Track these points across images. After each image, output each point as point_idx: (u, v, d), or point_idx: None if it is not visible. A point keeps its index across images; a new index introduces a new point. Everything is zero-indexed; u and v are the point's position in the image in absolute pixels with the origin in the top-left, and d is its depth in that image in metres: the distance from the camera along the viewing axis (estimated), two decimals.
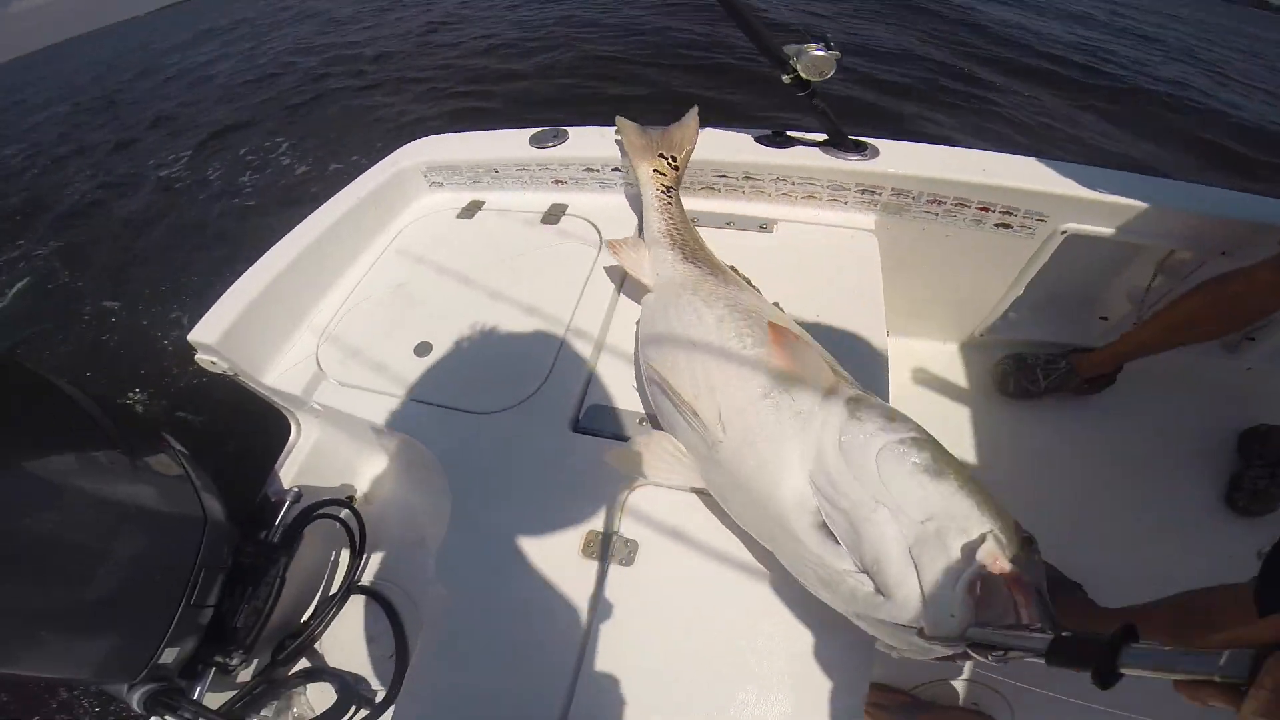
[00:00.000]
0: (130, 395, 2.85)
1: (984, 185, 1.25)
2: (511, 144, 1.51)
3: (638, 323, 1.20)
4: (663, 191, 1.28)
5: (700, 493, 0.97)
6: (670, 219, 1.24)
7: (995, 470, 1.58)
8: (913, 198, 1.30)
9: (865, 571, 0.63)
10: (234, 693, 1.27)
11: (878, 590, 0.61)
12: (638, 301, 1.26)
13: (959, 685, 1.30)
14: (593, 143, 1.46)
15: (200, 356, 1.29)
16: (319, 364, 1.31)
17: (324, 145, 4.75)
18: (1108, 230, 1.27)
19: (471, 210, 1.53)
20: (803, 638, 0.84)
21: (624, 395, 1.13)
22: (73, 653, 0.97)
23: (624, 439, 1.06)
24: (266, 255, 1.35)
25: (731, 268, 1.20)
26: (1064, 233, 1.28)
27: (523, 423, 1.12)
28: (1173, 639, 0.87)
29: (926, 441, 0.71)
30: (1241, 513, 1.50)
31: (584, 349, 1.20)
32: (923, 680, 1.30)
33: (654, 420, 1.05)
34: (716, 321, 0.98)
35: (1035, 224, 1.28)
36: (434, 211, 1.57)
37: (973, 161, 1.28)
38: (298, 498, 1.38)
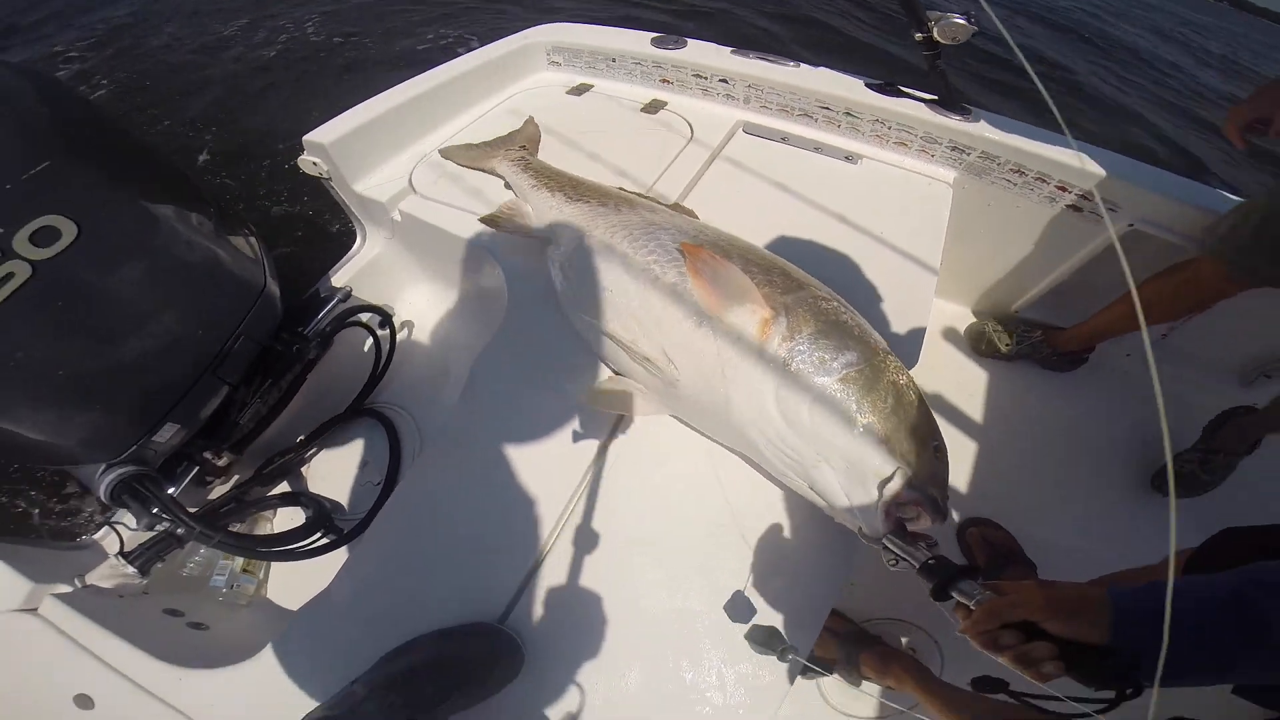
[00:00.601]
0: (225, 182, 3.08)
1: (1069, 166, 1.31)
2: (633, 40, 1.62)
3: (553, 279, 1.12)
4: (518, 161, 1.30)
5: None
6: (536, 173, 1.24)
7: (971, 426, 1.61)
8: (998, 163, 1.37)
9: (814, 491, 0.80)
10: (197, 509, 1.24)
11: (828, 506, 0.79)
12: (717, 188, 1.33)
13: (902, 628, 1.31)
14: (706, 53, 1.56)
15: (304, 157, 1.38)
16: (411, 183, 1.38)
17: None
18: (1170, 236, 1.32)
19: (581, 90, 1.63)
20: (783, 547, 0.87)
21: None
22: (71, 413, 0.96)
23: None
24: (393, 89, 1.45)
25: (620, 189, 1.20)
26: (1130, 226, 1.33)
27: None
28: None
29: (854, 379, 0.77)
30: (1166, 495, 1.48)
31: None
32: (875, 616, 1.30)
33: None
34: (624, 259, 0.95)
35: (1106, 211, 1.33)
36: (547, 85, 1.68)
37: (1062, 144, 1.34)
38: (346, 295, 1.42)
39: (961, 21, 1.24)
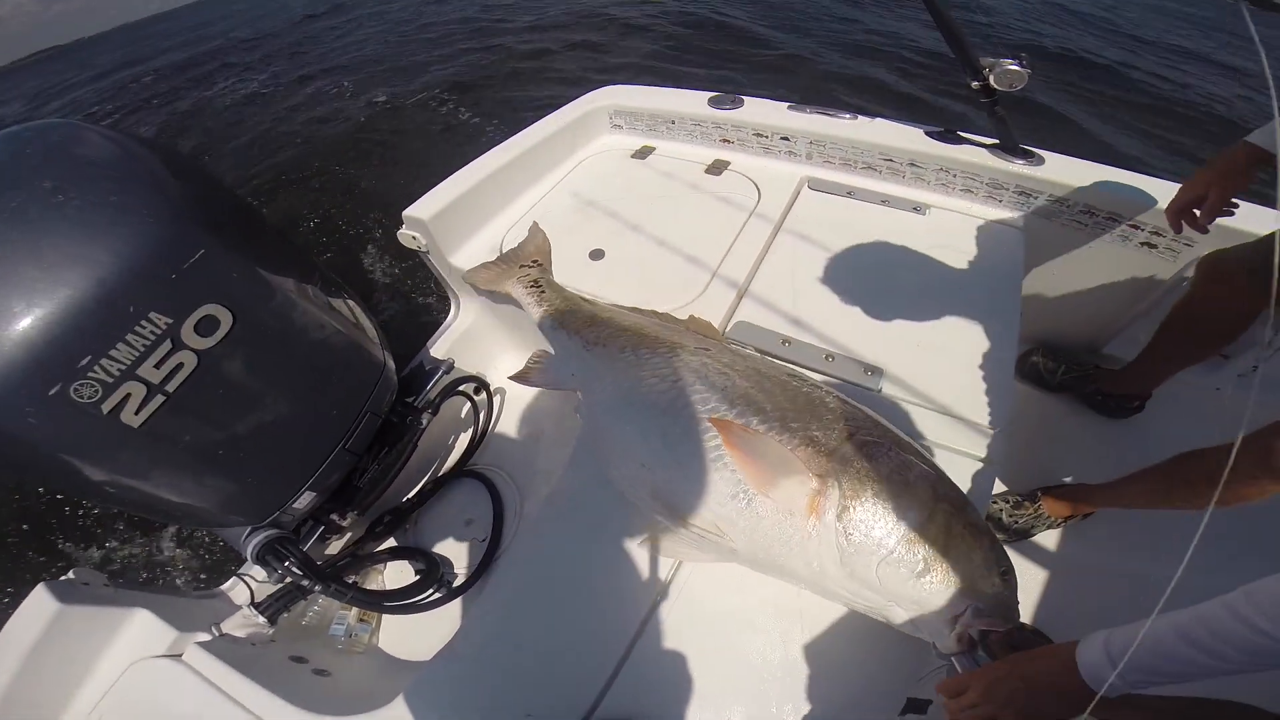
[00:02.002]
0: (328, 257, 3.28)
1: (1138, 205, 1.33)
2: (691, 101, 1.69)
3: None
4: (531, 287, 1.28)
5: None
6: (550, 306, 1.22)
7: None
8: (1067, 205, 1.39)
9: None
10: (317, 565, 1.30)
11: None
12: (790, 247, 1.38)
13: None
14: (765, 112, 1.62)
15: (404, 231, 1.49)
16: (501, 251, 1.47)
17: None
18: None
19: (644, 153, 1.71)
20: (840, 659, 0.88)
21: (768, 317, 1.25)
22: (227, 486, 1.06)
23: (767, 353, 1.17)
24: (476, 161, 1.55)
25: (640, 316, 1.17)
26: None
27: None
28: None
29: (918, 539, 0.77)
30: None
31: (736, 274, 1.33)
32: None
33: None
34: (658, 430, 0.90)
35: (1181, 248, 1.34)
36: (612, 149, 1.76)
37: (1132, 181, 1.36)
38: (450, 367, 1.55)
39: (1017, 68, 1.26)
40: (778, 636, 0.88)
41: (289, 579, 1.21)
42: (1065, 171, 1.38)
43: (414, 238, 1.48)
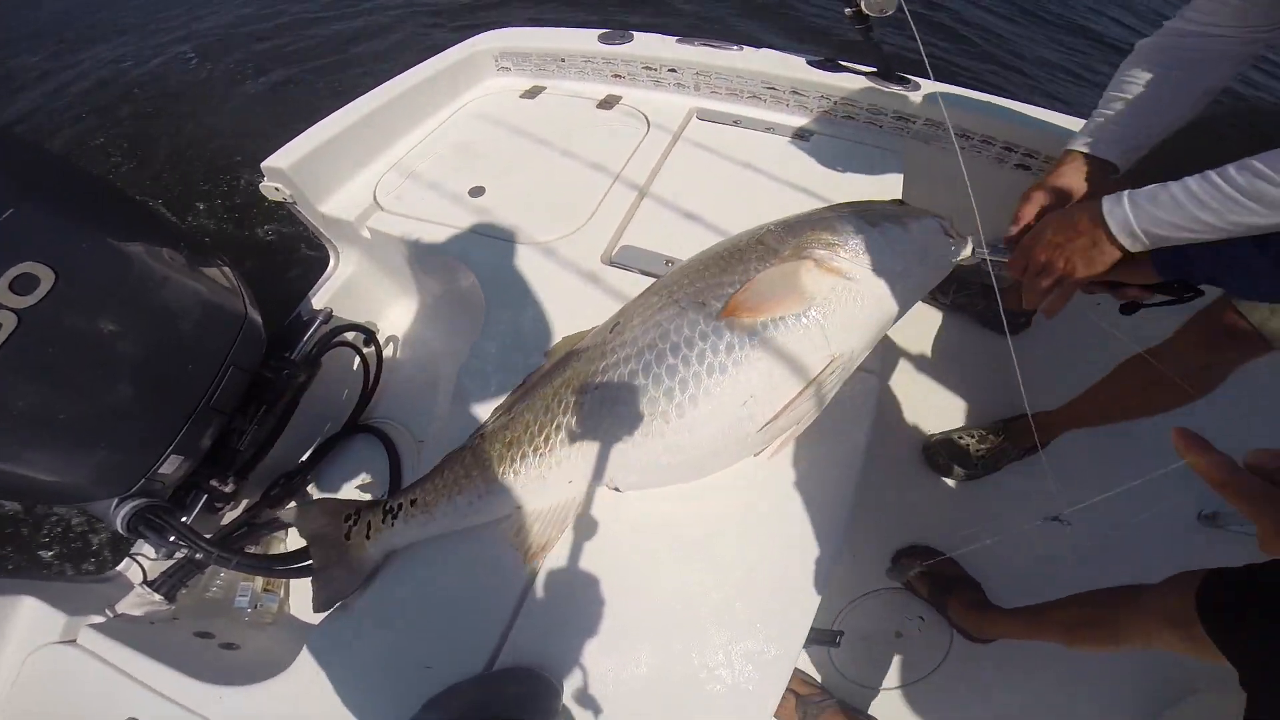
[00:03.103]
0: (195, 214, 3.08)
1: (1010, 126, 1.37)
2: (580, 38, 1.64)
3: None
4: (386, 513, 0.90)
5: None
6: (422, 505, 0.88)
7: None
8: (942, 129, 1.42)
9: None
10: (211, 535, 1.28)
11: None
12: (673, 184, 1.37)
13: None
14: (653, 46, 1.59)
15: (265, 183, 1.39)
16: (375, 198, 1.41)
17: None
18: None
19: (534, 92, 1.65)
20: (745, 593, 0.85)
21: (653, 240, 1.24)
22: (77, 454, 0.99)
23: (651, 275, 1.16)
24: (345, 107, 1.46)
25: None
26: None
27: (560, 255, 1.22)
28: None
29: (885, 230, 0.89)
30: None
31: (622, 203, 1.31)
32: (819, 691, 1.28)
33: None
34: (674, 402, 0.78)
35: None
36: (499, 91, 1.69)
37: (1004, 106, 1.40)
38: (328, 317, 1.46)
39: None
40: (681, 574, 0.87)
41: (178, 554, 1.15)
42: (940, 96, 1.40)
43: (276, 189, 1.38)
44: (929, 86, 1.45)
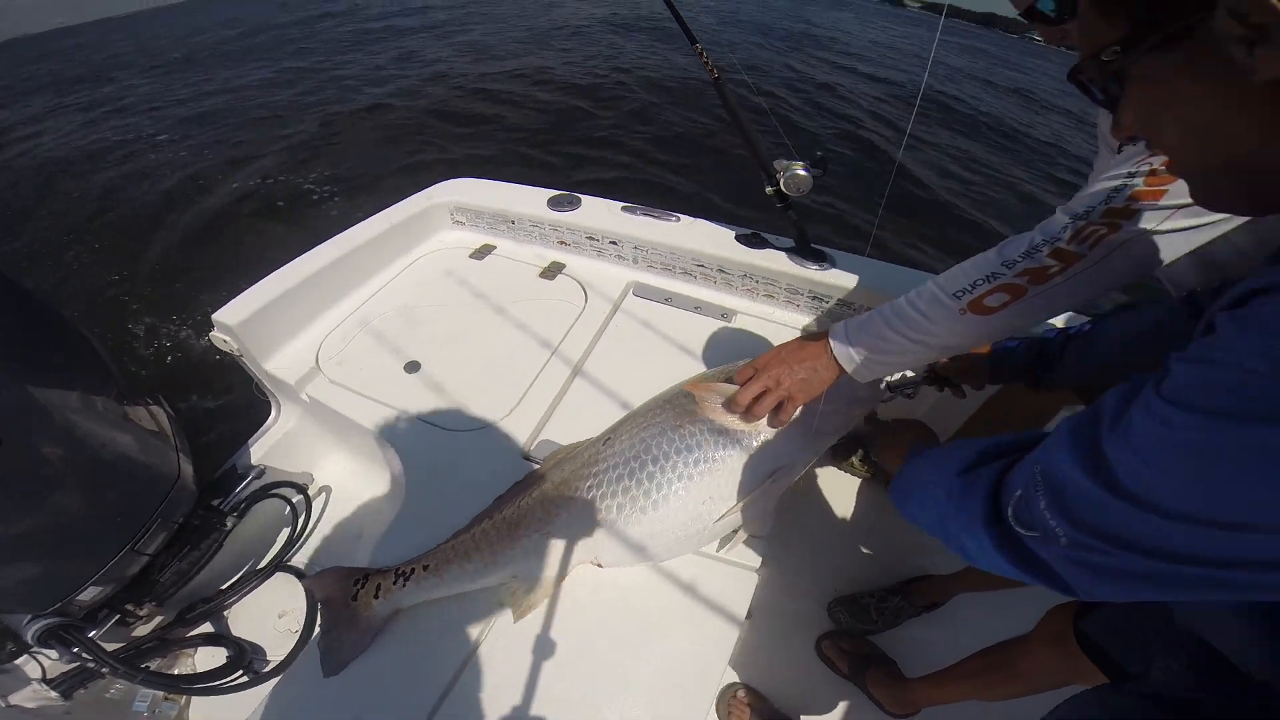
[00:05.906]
0: (137, 351, 3.01)
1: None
2: (531, 200, 1.74)
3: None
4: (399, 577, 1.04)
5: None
6: (434, 568, 1.03)
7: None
8: (852, 308, 1.51)
9: None
10: (122, 645, 1.30)
11: None
12: (604, 362, 1.44)
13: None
14: (599, 214, 1.69)
15: (215, 334, 1.44)
16: (318, 362, 1.46)
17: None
18: None
19: (483, 253, 1.74)
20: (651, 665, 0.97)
21: (574, 430, 1.28)
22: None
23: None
24: (298, 260, 1.52)
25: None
26: None
27: (483, 444, 1.27)
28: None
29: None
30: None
31: (549, 392, 1.36)
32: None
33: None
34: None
35: None
36: (451, 247, 1.78)
37: (913, 279, 1.47)
38: (260, 474, 1.49)
39: (803, 173, 1.36)
40: (596, 654, 0.98)
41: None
42: (849, 273, 1.49)
43: (225, 340, 1.43)
44: (843, 260, 1.54)
